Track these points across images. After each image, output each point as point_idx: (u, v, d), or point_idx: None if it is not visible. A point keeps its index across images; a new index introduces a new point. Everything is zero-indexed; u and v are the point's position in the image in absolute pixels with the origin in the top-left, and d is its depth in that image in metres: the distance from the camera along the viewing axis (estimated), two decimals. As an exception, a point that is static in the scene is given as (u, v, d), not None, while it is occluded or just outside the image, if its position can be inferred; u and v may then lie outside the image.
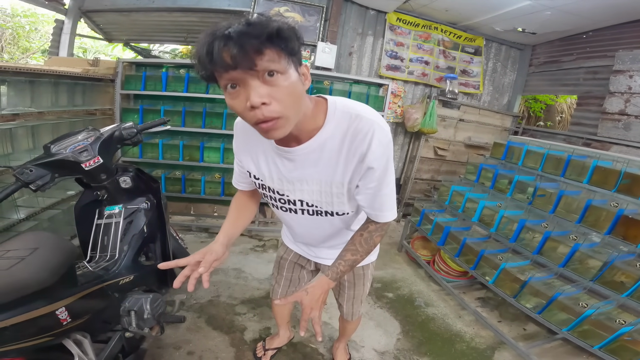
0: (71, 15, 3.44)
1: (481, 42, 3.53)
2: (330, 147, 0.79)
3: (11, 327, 0.88)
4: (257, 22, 0.59)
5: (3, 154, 1.77)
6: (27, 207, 1.92)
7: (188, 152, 2.69)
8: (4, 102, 1.80)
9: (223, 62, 0.58)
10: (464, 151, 3.79)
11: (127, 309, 1.31)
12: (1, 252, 1.01)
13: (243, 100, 0.62)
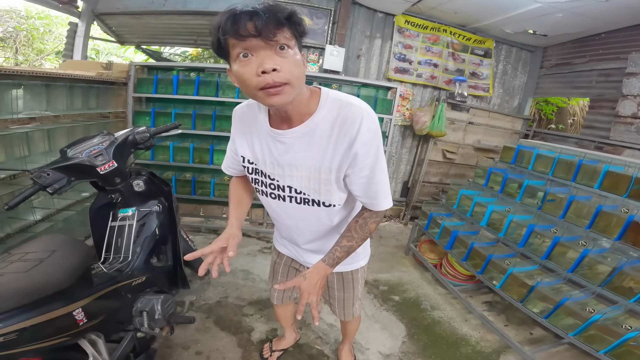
0: (84, 18, 3.54)
1: (491, 44, 3.52)
2: (321, 132, 0.83)
3: (30, 327, 0.91)
4: (277, 5, 0.70)
5: (20, 156, 1.85)
6: (43, 208, 1.99)
7: (198, 154, 2.76)
8: (21, 105, 1.87)
9: (246, 31, 0.66)
10: (473, 154, 3.79)
11: (139, 310, 1.35)
12: (20, 254, 1.05)
13: (254, 67, 0.69)
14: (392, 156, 3.71)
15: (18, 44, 6.96)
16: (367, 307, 2.21)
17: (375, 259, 2.85)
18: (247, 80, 0.70)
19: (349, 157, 0.83)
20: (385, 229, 3.58)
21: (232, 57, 0.71)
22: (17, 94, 1.84)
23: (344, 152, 0.83)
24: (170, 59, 6.13)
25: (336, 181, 0.89)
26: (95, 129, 2.33)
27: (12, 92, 1.80)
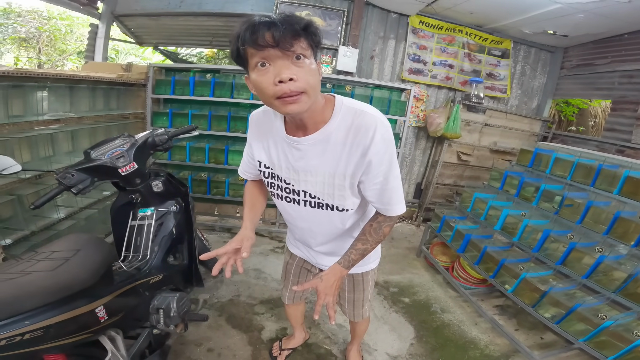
0: (104, 20, 3.69)
1: (509, 44, 3.48)
2: (335, 140, 0.86)
3: (55, 325, 0.94)
4: (294, 15, 0.74)
5: (45, 157, 1.95)
6: (67, 206, 2.09)
7: (213, 154, 2.83)
8: (45, 107, 1.96)
9: (265, 41, 0.69)
10: (489, 156, 3.75)
11: (155, 307, 1.38)
12: (47, 252, 1.09)
13: (271, 76, 0.72)
14: (406, 157, 3.71)
15: (41, 45, 7.22)
16: (377, 308, 2.24)
17: (386, 261, 2.87)
18: (264, 88, 0.74)
19: (363, 164, 0.86)
20: (397, 231, 3.59)
21: (251, 66, 0.75)
22: (42, 96, 1.94)
23: (358, 159, 0.86)
24: (186, 60, 6.28)
25: (350, 187, 0.92)
26: (116, 130, 2.43)
27: (37, 94, 1.90)
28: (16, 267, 1.01)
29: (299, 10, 3.10)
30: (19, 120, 1.74)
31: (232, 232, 3.10)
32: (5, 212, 1.76)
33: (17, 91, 1.75)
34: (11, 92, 1.71)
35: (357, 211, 1.04)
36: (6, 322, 0.85)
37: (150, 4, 3.45)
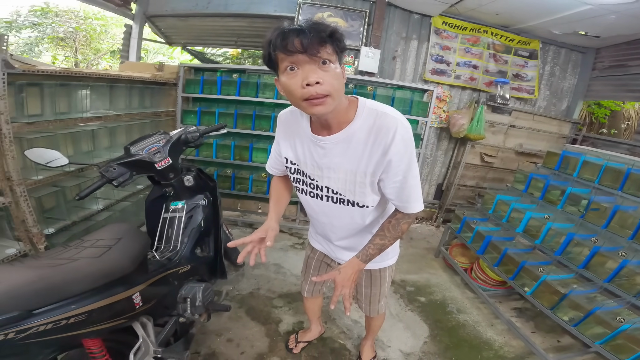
0: (138, 20, 3.91)
1: (537, 45, 3.42)
2: (357, 139, 0.92)
3: (97, 309, 0.98)
4: (321, 23, 0.79)
5: (87, 151, 2.13)
6: (104, 199, 2.27)
7: (238, 152, 2.96)
8: (88, 105, 2.14)
9: (294, 47, 0.75)
10: (514, 158, 3.70)
11: (183, 296, 1.45)
12: (92, 240, 1.15)
13: (299, 79, 0.78)
14: (427, 158, 3.72)
15: (77, 44, 7.63)
16: (393, 306, 2.28)
17: (404, 260, 2.90)
18: (293, 91, 0.80)
19: (383, 163, 0.91)
20: (416, 231, 3.61)
21: (281, 70, 0.81)
22: (85, 94, 2.11)
23: (379, 158, 0.91)
24: (212, 59, 6.50)
25: (370, 185, 0.98)
26: (149, 128, 2.59)
27: (80, 92, 2.07)
28: (65, 253, 1.07)
29: (321, 11, 3.16)
30: (65, 117, 1.92)
31: (254, 227, 3.23)
32: (49, 202, 1.94)
33: (63, 89, 1.93)
34: (58, 90, 1.88)
35: (377, 208, 1.09)
36: (55, 306, 0.90)
37: (180, 5, 3.64)
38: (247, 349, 1.79)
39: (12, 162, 1.52)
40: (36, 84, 1.74)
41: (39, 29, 7.17)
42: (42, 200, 1.83)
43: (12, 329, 0.81)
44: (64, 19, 7.25)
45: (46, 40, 7.44)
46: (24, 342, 0.85)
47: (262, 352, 1.78)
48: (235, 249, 2.03)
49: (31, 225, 1.67)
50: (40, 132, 1.75)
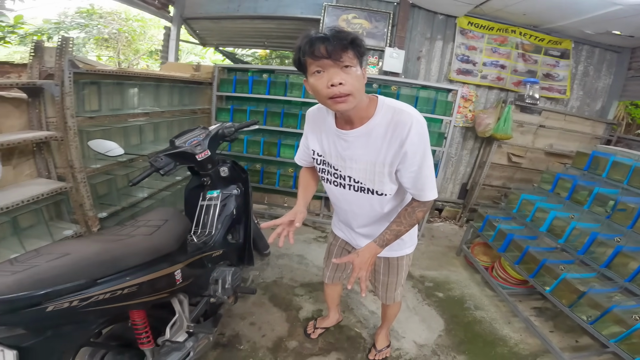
0: (175, 22, 4.22)
1: (569, 44, 3.37)
2: (376, 134, 1.03)
3: (147, 282, 1.07)
4: (343, 31, 0.91)
5: (135, 144, 2.38)
6: (148, 188, 2.52)
7: (267, 147, 3.16)
8: (136, 102, 2.39)
9: (320, 53, 0.88)
10: (544, 159, 3.65)
11: (214, 278, 1.58)
12: (144, 220, 1.29)
13: (325, 81, 0.91)
14: (451, 157, 3.75)
15: (120, 45, 8.17)
16: (410, 299, 2.36)
17: (424, 257, 2.98)
18: (319, 90, 0.93)
19: (399, 155, 1.02)
20: (439, 230, 3.65)
21: (309, 72, 0.93)
22: (134, 92, 2.36)
23: (396, 150, 1.02)
24: (242, 59, 6.80)
25: (388, 174, 1.08)
26: (187, 124, 2.84)
27: (131, 90, 2.33)
28: (123, 230, 1.21)
29: (346, 13, 3.28)
30: (118, 113, 2.17)
31: (279, 220, 3.40)
32: (103, 189, 2.20)
33: (117, 88, 2.19)
34: (113, 88, 2.14)
35: (395, 198, 1.20)
36: (114, 276, 0.99)
37: (213, 8, 3.91)
38: (268, 332, 1.93)
39: (75, 152, 1.78)
40: (95, 83, 1.99)
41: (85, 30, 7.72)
42: (97, 187, 2.09)
43: (77, 297, 0.90)
44: (108, 21, 7.75)
45: (92, 41, 8.01)
46: (84, 310, 0.93)
47: (281, 335, 1.91)
48: (262, 238, 2.19)
49: (88, 209, 1.92)
50: (97, 125, 2.02)
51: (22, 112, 1.71)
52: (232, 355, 1.75)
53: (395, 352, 1.89)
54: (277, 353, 1.80)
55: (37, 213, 1.72)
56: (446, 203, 3.98)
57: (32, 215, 1.72)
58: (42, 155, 1.78)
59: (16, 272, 0.85)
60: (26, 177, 1.75)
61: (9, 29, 6.44)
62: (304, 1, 3.45)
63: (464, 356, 1.91)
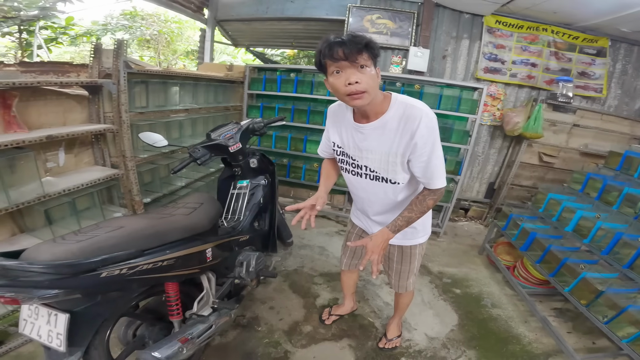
0: (210, 24, 4.53)
1: (605, 42, 3.27)
2: (390, 127, 1.16)
3: (183, 257, 1.21)
4: (358, 35, 1.04)
5: (175, 137, 2.65)
6: (186, 178, 2.79)
7: (294, 143, 3.34)
8: (177, 99, 2.66)
9: (338, 55, 1.02)
10: (579, 159, 3.58)
11: (240, 261, 1.74)
12: (183, 203, 1.51)
13: (343, 80, 1.04)
14: (478, 156, 3.75)
15: (160, 45, 8.73)
16: (426, 294, 2.43)
17: (445, 254, 3.04)
18: (338, 89, 1.07)
19: (410, 145, 1.13)
20: (462, 228, 3.68)
21: (329, 73, 1.08)
22: (176, 90, 2.63)
23: (407, 142, 1.13)
24: (271, 59, 7.09)
25: (401, 164, 1.19)
26: (221, 120, 3.08)
27: (173, 89, 2.59)
28: (165, 210, 1.41)
29: (370, 13, 3.37)
30: (162, 109, 2.44)
31: (304, 213, 3.57)
32: (147, 177, 2.49)
33: (162, 86, 2.45)
34: (158, 87, 2.40)
35: (407, 187, 1.31)
36: (157, 249, 1.16)
37: (243, 11, 4.18)
38: (285, 316, 2.07)
39: (127, 143, 2.04)
40: (144, 82, 2.26)
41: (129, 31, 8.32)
42: (143, 174, 2.37)
43: (127, 265, 1.06)
44: (149, 22, 8.31)
45: (135, 42, 8.62)
46: (130, 279, 1.09)
47: (298, 320, 2.05)
48: (286, 228, 2.38)
49: (135, 194, 2.19)
50: (145, 120, 2.29)
51: (83, 107, 1.99)
52: (250, 335, 1.91)
53: (405, 343, 1.97)
54: (291, 336, 1.94)
55: (92, 196, 2.00)
56: (473, 203, 3.97)
57: (88, 198, 2.00)
58: (99, 146, 2.06)
59: (80, 241, 1.04)
60: (85, 165, 2.04)
61: (61, 30, 7.12)
62: (328, 3, 3.60)
63: (474, 351, 1.95)
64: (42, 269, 0.92)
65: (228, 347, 1.81)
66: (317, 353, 1.84)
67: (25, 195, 1.54)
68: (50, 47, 7.20)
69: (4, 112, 1.57)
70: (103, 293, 1.09)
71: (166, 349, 1.24)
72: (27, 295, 0.92)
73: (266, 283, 2.35)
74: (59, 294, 0.95)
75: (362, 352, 1.87)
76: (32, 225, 1.76)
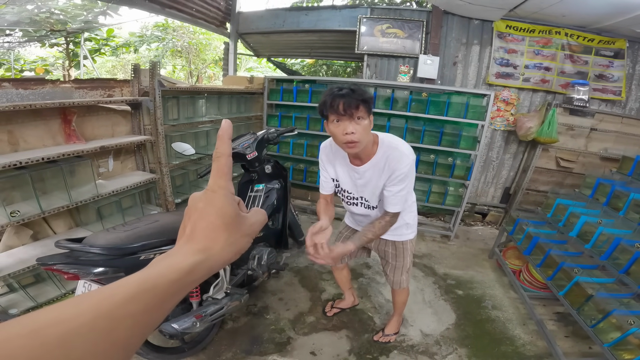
0: (232, 37, 4.98)
1: (623, 44, 3.31)
2: (378, 167, 1.46)
3: None
4: (357, 89, 1.29)
5: (203, 145, 3.05)
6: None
7: (310, 150, 3.65)
8: (204, 111, 3.06)
9: (338, 109, 1.28)
10: (599, 164, 3.60)
11: (254, 255, 2.02)
12: None
13: (341, 129, 1.30)
14: (492, 161, 3.88)
15: (191, 55, 9.45)
16: (428, 294, 2.61)
17: (453, 257, 3.21)
18: (337, 135, 1.33)
19: (390, 180, 1.44)
20: (476, 232, 3.80)
21: (329, 120, 1.33)
22: (202, 103, 3.04)
23: (388, 177, 1.44)
24: (291, 68, 7.55)
25: (380, 193, 1.51)
26: (244, 129, 3.47)
27: (200, 101, 3.00)
28: None
29: (380, 24, 3.61)
30: (190, 121, 2.85)
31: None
32: (179, 181, 2.90)
33: (190, 100, 2.86)
34: (187, 100, 2.81)
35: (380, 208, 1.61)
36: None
37: (262, 24, 4.63)
38: (292, 307, 2.35)
39: (162, 151, 2.46)
40: (175, 97, 2.67)
41: (163, 42, 9.10)
42: (175, 178, 2.79)
43: (160, 251, 1.35)
44: (180, 34, 9.05)
45: (168, 53, 9.41)
46: None
47: (303, 311, 2.32)
48: (298, 227, 2.67)
49: (169, 195, 2.60)
50: (177, 131, 2.70)
51: (127, 121, 2.43)
52: (259, 322, 2.19)
53: (399, 338, 2.14)
54: (295, 324, 2.21)
55: (134, 197, 2.43)
56: (492, 208, 4.09)
57: (131, 198, 2.43)
58: (140, 154, 2.50)
59: (127, 231, 1.41)
60: (129, 170, 2.48)
61: (103, 41, 7.97)
62: (340, 15, 3.91)
63: (465, 349, 2.09)
64: (98, 251, 1.29)
65: (239, 331, 2.13)
66: (316, 340, 2.10)
67: (83, 195, 1.98)
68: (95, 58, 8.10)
69: (65, 126, 2.01)
70: None
71: (183, 322, 1.57)
72: (86, 272, 1.29)
73: (278, 277, 2.66)
74: (109, 272, 1.31)
75: (357, 343, 2.10)
76: (86, 220, 2.21)
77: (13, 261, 1.75)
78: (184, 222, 0.40)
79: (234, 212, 0.40)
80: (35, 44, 6.61)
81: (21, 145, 1.84)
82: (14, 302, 1.85)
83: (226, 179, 0.41)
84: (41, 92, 1.95)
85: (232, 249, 0.40)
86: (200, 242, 0.38)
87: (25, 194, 1.81)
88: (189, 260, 0.35)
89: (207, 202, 0.40)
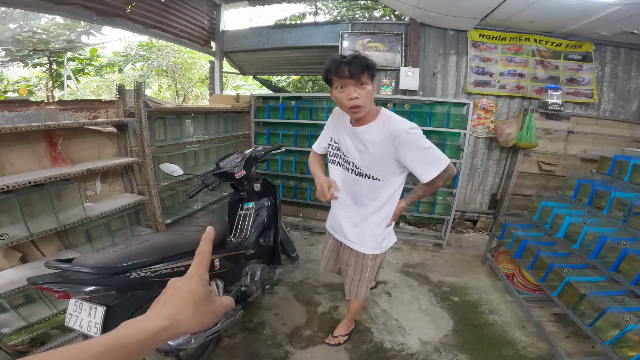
0: (217, 56, 5.06)
1: (589, 47, 3.49)
2: (376, 132, 1.46)
3: None
4: (361, 56, 1.32)
5: (191, 165, 3.06)
6: (202, 202, 3.18)
7: (299, 166, 3.67)
8: (191, 131, 3.09)
9: (343, 74, 1.30)
10: (580, 165, 3.73)
11: (247, 271, 2.03)
12: (196, 222, 1.89)
13: (345, 95, 1.34)
14: (477, 168, 3.98)
15: (176, 75, 9.49)
16: (423, 302, 2.62)
17: (447, 264, 3.24)
18: (342, 101, 1.37)
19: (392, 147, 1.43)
20: (468, 240, 3.86)
21: (334, 87, 1.37)
22: (189, 123, 3.06)
23: (388, 144, 1.43)
24: (277, 85, 7.65)
25: (393, 164, 1.48)
26: (232, 148, 3.49)
27: (187, 121, 3.02)
28: (181, 228, 1.80)
29: (361, 38, 3.74)
30: (177, 142, 2.86)
31: (313, 231, 3.88)
32: (168, 202, 2.88)
33: (177, 120, 2.88)
34: (174, 121, 2.83)
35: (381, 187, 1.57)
36: (173, 257, 1.49)
37: (246, 42, 4.75)
38: (288, 321, 2.34)
39: (150, 173, 2.44)
40: (161, 118, 2.68)
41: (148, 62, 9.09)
42: (164, 199, 2.77)
43: (150, 269, 1.39)
44: (164, 53, 9.06)
45: (154, 72, 9.41)
46: (152, 280, 1.39)
47: (299, 325, 2.31)
48: (290, 243, 2.68)
49: (158, 217, 2.58)
50: (164, 152, 2.70)
51: (113, 143, 2.43)
52: (255, 337, 2.18)
53: (398, 347, 2.14)
54: (293, 338, 2.19)
55: (123, 219, 2.40)
56: (481, 214, 4.16)
57: (120, 220, 2.40)
58: (127, 176, 2.49)
59: (116, 250, 1.41)
60: (117, 192, 2.46)
61: (87, 61, 7.92)
62: (322, 31, 4.06)
63: (466, 355, 2.08)
64: (88, 270, 1.29)
65: (235, 347, 2.10)
66: (314, 354, 2.08)
67: (71, 218, 1.95)
68: (78, 78, 8.05)
69: (51, 149, 2.01)
70: (132, 291, 1.42)
71: (177, 339, 1.55)
72: (76, 290, 1.28)
73: (273, 292, 2.64)
74: (100, 290, 1.30)
75: (356, 354, 2.08)
76: (75, 242, 2.17)
77: (2, 282, 1.71)
78: (160, 295, 0.49)
79: (205, 293, 0.50)
80: (18, 63, 6.56)
81: (7, 169, 1.83)
82: (6, 321, 1.80)
83: (204, 270, 0.53)
84: (26, 115, 1.94)
85: (196, 320, 0.47)
86: (169, 310, 0.46)
87: (13, 218, 1.78)
88: (156, 325, 0.43)
89: (184, 282, 0.50)
